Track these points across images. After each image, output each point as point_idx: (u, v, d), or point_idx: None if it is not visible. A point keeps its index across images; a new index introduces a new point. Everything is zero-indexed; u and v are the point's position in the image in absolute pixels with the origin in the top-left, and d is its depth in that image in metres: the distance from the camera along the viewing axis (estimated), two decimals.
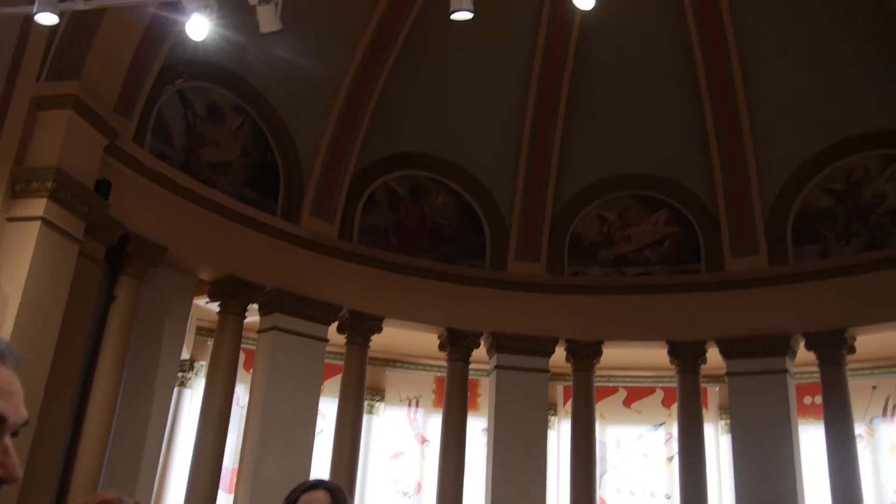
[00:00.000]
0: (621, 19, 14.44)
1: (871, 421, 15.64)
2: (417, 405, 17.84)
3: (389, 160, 16.07)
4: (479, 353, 15.81)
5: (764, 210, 15.13)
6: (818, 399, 14.67)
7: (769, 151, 15.12)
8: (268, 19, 8.15)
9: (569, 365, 15.66)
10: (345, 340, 15.01)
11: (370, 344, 15.10)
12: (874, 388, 15.65)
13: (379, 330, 15.13)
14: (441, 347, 15.77)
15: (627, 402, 17.47)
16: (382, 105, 15.43)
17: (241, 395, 14.97)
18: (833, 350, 13.98)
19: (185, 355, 15.14)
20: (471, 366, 15.73)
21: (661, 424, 17.22)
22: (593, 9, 9.51)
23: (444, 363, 15.90)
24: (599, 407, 16.08)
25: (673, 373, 15.39)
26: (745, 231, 15.12)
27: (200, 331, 15.89)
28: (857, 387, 14.60)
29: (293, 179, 14.88)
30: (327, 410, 14.94)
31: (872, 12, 13.52)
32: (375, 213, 15.88)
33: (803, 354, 14.45)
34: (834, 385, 13.91)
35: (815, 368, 14.30)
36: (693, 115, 15.50)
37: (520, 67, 15.66)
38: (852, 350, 14.13)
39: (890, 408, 15.66)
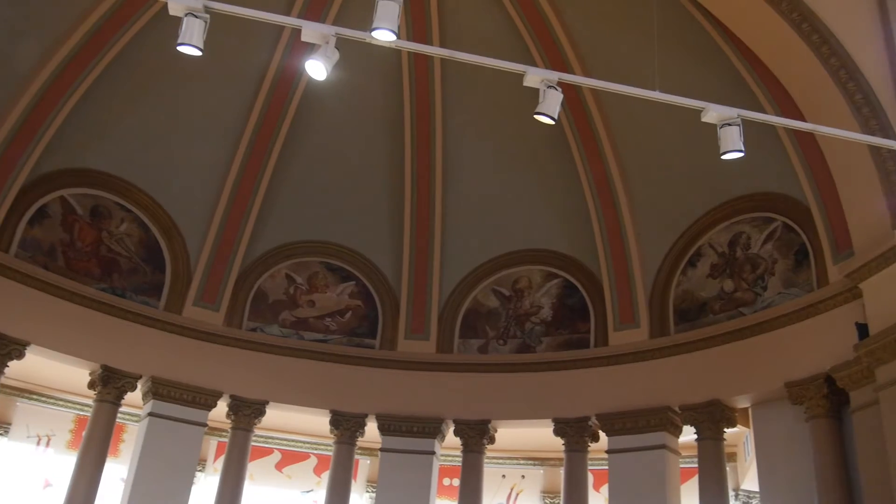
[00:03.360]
0: (344, 94, 14.89)
1: None
2: (48, 444, 15.96)
3: (73, 174, 14.60)
4: (133, 396, 14.68)
5: (440, 300, 16.23)
6: (456, 481, 15.74)
7: (454, 247, 16.33)
8: None
9: (228, 421, 15.15)
10: None
11: (5, 371, 13.31)
12: (503, 476, 17.33)
13: (20, 356, 13.38)
14: (91, 385, 14.38)
15: (280, 466, 17.29)
16: (77, 114, 14.06)
17: None
18: (476, 439, 15.21)
19: None
20: (120, 408, 14.53)
21: (309, 491, 17.25)
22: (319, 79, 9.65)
23: (90, 401, 14.51)
24: (251, 467, 15.71)
25: (330, 441, 15.59)
26: (420, 317, 16.09)
27: None
28: (490, 474, 16.00)
29: None
30: None
31: (558, 150, 15.40)
32: (44, 227, 14.22)
33: (451, 439, 15.50)
34: (472, 470, 15.14)
35: (459, 453, 15.40)
36: (394, 201, 16.32)
37: (236, 115, 15.32)
38: (493, 440, 15.48)
39: (514, 495, 17.34)
